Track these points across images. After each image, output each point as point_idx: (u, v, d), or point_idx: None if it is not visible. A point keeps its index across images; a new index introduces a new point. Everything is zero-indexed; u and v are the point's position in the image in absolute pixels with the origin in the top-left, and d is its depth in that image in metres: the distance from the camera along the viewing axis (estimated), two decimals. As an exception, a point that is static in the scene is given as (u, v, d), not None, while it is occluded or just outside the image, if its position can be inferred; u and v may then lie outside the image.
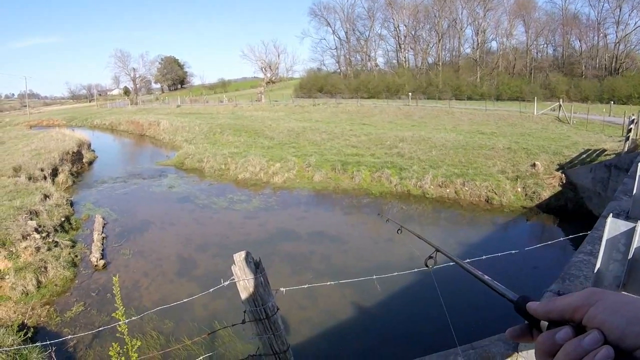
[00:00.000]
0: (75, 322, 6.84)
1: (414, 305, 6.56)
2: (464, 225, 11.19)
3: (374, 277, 3.17)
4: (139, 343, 4.03)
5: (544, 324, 0.53)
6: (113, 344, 3.85)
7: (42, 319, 6.89)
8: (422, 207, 12.66)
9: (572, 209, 11.60)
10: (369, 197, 13.66)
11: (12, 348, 4.65)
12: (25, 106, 62.43)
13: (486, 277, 0.77)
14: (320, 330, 6.18)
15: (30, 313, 6.98)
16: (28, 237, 8.79)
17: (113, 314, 3.95)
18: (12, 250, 8.22)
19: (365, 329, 6.18)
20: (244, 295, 2.77)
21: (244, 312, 2.85)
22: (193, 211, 12.78)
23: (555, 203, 11.95)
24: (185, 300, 3.10)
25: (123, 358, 3.83)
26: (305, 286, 5.78)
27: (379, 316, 6.44)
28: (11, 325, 6.27)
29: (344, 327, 6.22)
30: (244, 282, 2.71)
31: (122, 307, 3.88)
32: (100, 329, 4.32)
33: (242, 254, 2.74)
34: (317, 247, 9.43)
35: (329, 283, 3.67)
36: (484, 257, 3.38)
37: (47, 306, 7.24)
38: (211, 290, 3.13)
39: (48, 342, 4.35)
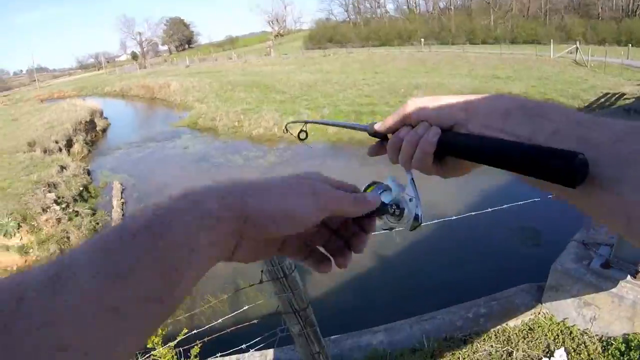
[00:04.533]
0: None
1: (435, 255, 6.47)
2: (482, 173, 10.89)
3: (392, 229, 3.04)
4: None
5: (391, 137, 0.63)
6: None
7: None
8: (439, 156, 12.43)
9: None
10: (384, 146, 13.42)
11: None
12: (35, 81, 62.38)
13: (340, 121, 0.89)
14: (342, 283, 6.15)
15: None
16: (48, 210, 8.89)
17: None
18: (33, 224, 8.33)
19: (387, 280, 6.14)
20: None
21: (262, 271, 2.76)
22: (209, 170, 12.75)
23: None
24: None
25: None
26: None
27: (401, 267, 6.38)
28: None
29: (366, 279, 6.18)
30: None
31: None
32: None
33: None
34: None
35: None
36: (505, 206, 3.24)
37: (73, 276, 7.32)
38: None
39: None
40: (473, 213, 3.34)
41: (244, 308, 3.11)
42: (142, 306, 0.31)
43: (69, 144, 16.68)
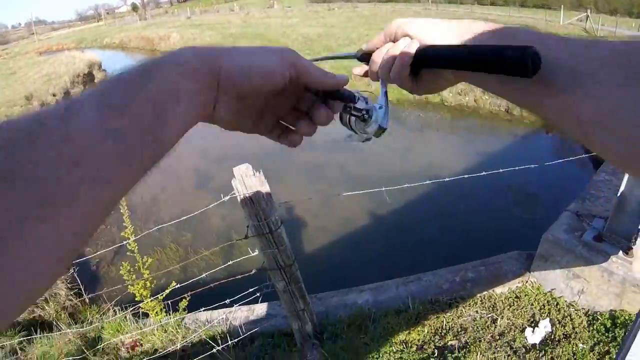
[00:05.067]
0: (97, 240, 6.97)
1: (426, 217, 6.39)
2: (483, 135, 10.76)
3: (383, 188, 2.97)
4: (150, 260, 4.03)
5: None
6: (123, 263, 3.86)
7: (64, 241, 7.03)
8: (440, 115, 12.18)
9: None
10: (386, 104, 13.19)
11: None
12: (33, 34, 60.96)
13: (329, 54, 0.87)
14: (335, 238, 6.14)
15: (52, 238, 7.13)
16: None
17: (122, 233, 3.94)
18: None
19: (379, 238, 6.10)
20: (245, 210, 2.63)
21: (247, 227, 2.72)
22: (209, 125, 12.59)
23: (576, 118, 11.30)
24: (190, 216, 2.99)
25: (134, 276, 3.84)
26: (310, 198, 5.69)
27: (394, 226, 6.32)
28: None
29: (358, 236, 6.16)
30: (245, 197, 2.54)
31: (130, 226, 3.84)
32: (120, 244, 4.32)
33: (242, 167, 2.56)
34: (333, 156, 9.20)
35: (338, 194, 3.54)
36: (501, 170, 3.15)
37: (67, 229, 7.36)
38: (211, 206, 3.00)
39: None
40: (466, 176, 3.26)
41: (229, 263, 3.10)
42: (139, 136, 0.36)
43: (67, 96, 16.45)
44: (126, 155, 0.35)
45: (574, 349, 2.75)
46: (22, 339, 4.27)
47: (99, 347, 3.78)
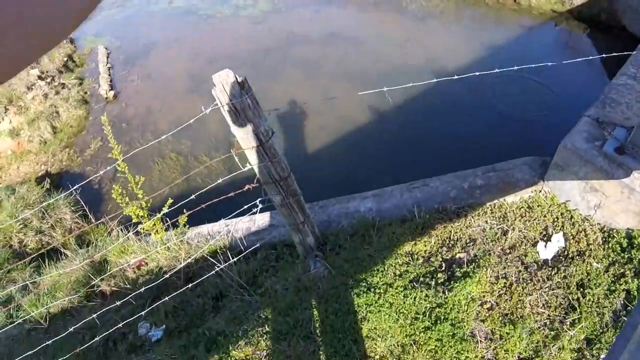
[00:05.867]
0: (96, 158, 6.91)
1: (432, 118, 6.00)
2: (489, 26, 9.86)
3: (385, 89, 2.66)
4: (142, 179, 3.88)
5: None
6: (114, 186, 3.73)
7: (64, 163, 7.00)
8: (443, 4, 11.18)
9: (605, 21, 9.89)
10: (385, -10, 12.20)
11: (41, 206, 4.71)
12: None
13: None
14: (336, 137, 5.89)
15: (52, 160, 7.10)
16: (33, 87, 8.58)
17: (109, 155, 3.78)
18: (20, 105, 8.12)
19: (381, 139, 5.81)
20: (230, 121, 2.35)
21: (236, 140, 2.48)
22: (197, 24, 11.78)
23: (587, 11, 10.12)
24: (182, 127, 2.75)
25: (127, 198, 3.70)
26: (304, 103, 5.36)
27: (395, 126, 5.97)
28: (30, 180, 6.46)
29: (358, 137, 5.86)
30: (229, 107, 2.26)
31: (117, 146, 3.66)
32: (117, 163, 4.16)
33: (222, 73, 2.25)
34: (331, 49, 8.64)
35: (331, 98, 3.26)
36: (515, 67, 2.80)
37: (67, 149, 7.26)
38: (192, 121, 2.71)
39: (72, 189, 4.27)
40: (477, 73, 2.92)
41: (219, 181, 2.90)
42: None
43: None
44: None
45: (588, 268, 2.59)
46: (32, 271, 4.31)
47: (106, 273, 3.76)
